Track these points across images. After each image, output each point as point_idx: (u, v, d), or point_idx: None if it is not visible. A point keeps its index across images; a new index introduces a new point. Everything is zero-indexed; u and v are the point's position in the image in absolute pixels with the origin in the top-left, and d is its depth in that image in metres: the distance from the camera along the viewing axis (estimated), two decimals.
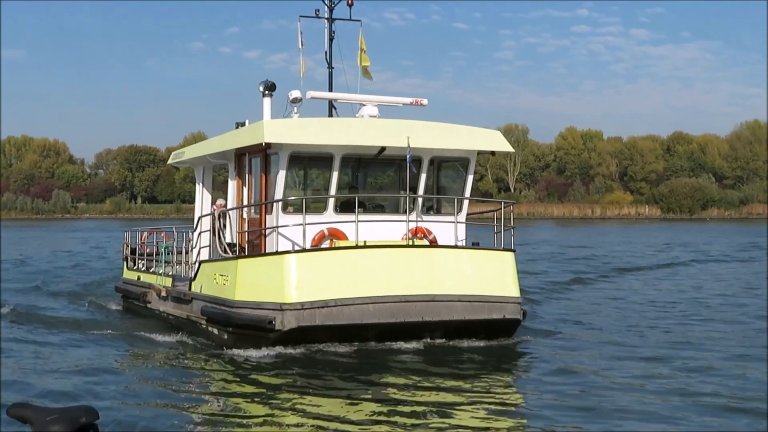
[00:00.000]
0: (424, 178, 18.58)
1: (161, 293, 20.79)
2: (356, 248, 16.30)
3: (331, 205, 17.82)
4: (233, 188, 19.70)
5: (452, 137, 18.52)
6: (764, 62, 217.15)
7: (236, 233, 19.08)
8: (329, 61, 20.55)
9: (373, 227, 17.30)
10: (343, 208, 18.09)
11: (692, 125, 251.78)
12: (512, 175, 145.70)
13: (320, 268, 15.94)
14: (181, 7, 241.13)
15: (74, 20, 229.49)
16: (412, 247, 16.88)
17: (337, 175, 17.75)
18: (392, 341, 16.30)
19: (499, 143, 18.98)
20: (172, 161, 23.88)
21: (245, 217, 18.98)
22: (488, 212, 24.33)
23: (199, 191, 22.65)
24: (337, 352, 15.83)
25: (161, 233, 24.40)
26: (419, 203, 18.49)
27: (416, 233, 18.01)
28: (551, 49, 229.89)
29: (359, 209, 17.47)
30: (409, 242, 17.23)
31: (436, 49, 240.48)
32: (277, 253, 16.51)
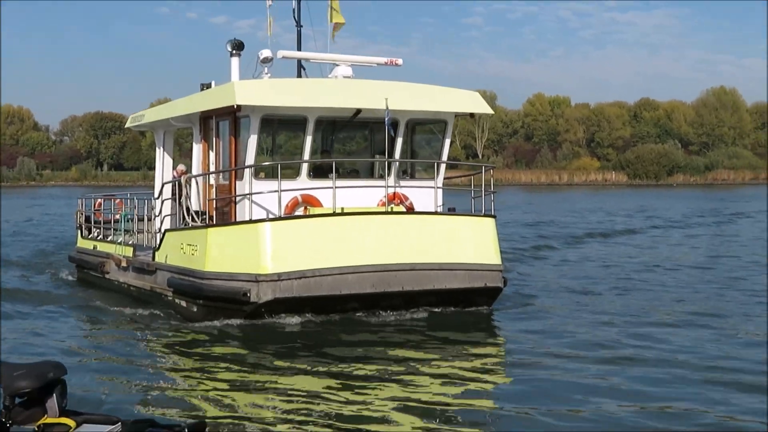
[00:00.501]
0: (400, 142, 17.84)
1: (121, 263, 19.74)
2: (334, 216, 15.56)
3: (304, 170, 16.96)
4: (198, 153, 18.65)
5: (430, 99, 17.76)
6: (732, 28, 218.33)
7: (202, 201, 18.19)
8: (297, 19, 19.53)
9: (347, 193, 16.53)
10: (316, 173, 17.31)
11: (659, 91, 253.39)
12: (480, 141, 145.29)
13: (297, 236, 15.17)
14: None
15: None
16: (391, 214, 16.19)
17: (311, 139, 16.93)
18: (372, 312, 15.66)
19: (478, 105, 18.27)
20: (130, 125, 22.54)
21: (212, 183, 18.04)
22: (459, 177, 23.80)
23: (159, 156, 21.45)
24: (309, 322, 15.20)
25: (116, 200, 23.28)
26: (394, 168, 17.75)
27: (392, 199, 17.30)
28: (520, 15, 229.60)
29: (331, 175, 16.80)
30: (387, 209, 16.52)
31: (404, 15, 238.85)
32: (250, 221, 15.66)
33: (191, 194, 18.06)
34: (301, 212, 16.51)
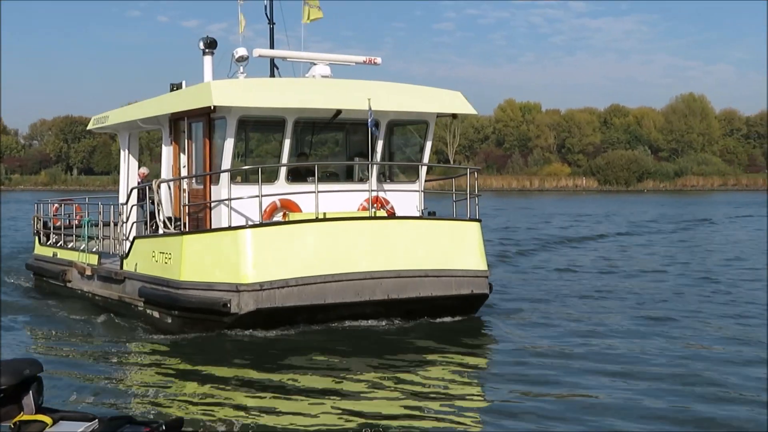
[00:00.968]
0: (380, 144, 17.20)
1: (85, 272, 18.82)
2: (317, 221, 14.86)
3: (282, 174, 16.22)
4: (168, 156, 17.71)
5: (412, 99, 17.14)
6: (701, 34, 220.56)
7: (174, 206, 17.32)
8: (270, 16, 18.75)
9: (326, 198, 15.82)
10: (294, 177, 16.61)
11: (629, 97, 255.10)
12: (451, 147, 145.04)
13: (279, 244, 14.45)
14: None
15: None
16: (376, 219, 15.54)
17: (289, 141, 16.21)
18: (355, 321, 15.00)
19: (460, 105, 17.66)
20: (93, 127, 21.40)
21: (185, 188, 17.20)
22: (436, 180, 23.10)
23: (124, 159, 20.42)
24: (286, 335, 14.52)
25: (73, 205, 22.26)
26: (375, 171, 17.08)
27: (373, 203, 16.65)
28: (491, 20, 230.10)
29: (310, 179, 16.21)
30: (371, 214, 15.86)
31: (376, 19, 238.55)
32: (230, 228, 14.85)
33: (162, 199, 17.23)
34: (279, 218, 15.80)
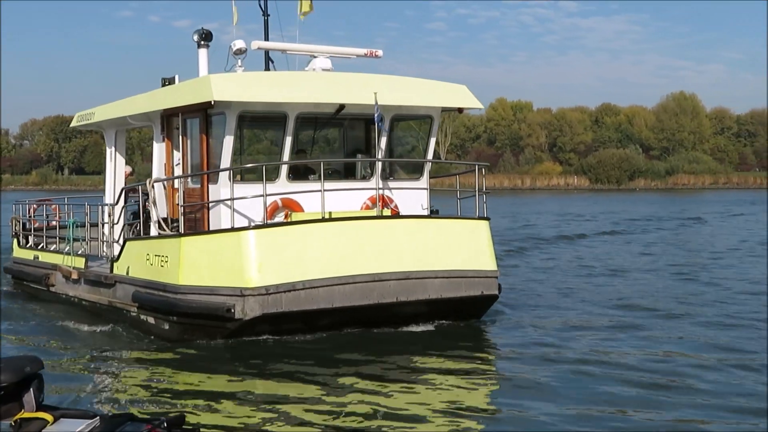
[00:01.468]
0: (384, 140, 16.49)
1: (71, 275, 17.97)
2: (324, 221, 14.13)
3: (284, 172, 15.43)
4: (160, 154, 16.85)
5: (417, 93, 16.41)
6: (690, 34, 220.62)
7: (169, 206, 16.50)
8: (264, 8, 18.00)
9: (328, 196, 15.12)
10: (295, 175, 15.90)
11: (620, 96, 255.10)
12: (443, 146, 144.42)
13: (284, 245, 13.69)
14: None
15: None
16: (383, 218, 14.83)
17: (291, 138, 15.46)
18: (363, 326, 14.32)
19: (466, 99, 16.95)
20: (77, 124, 20.40)
21: (177, 186, 16.20)
22: (440, 177, 22.45)
23: (110, 157, 19.48)
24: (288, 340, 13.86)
25: (51, 205, 21.41)
26: (378, 168, 16.38)
27: (375, 202, 15.95)
28: (482, 20, 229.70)
29: (311, 176, 15.65)
30: (377, 213, 15.15)
31: (368, 19, 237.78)
32: (232, 229, 14.07)
33: (157, 199, 16.41)
34: (281, 218, 15.08)
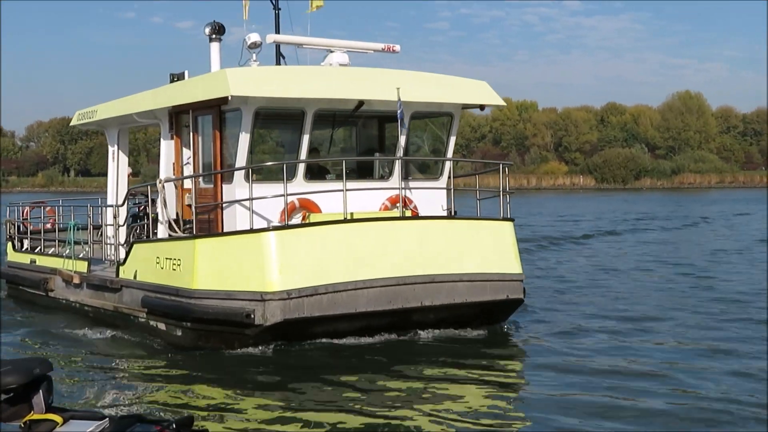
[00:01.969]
0: (404, 138, 15.85)
1: (73, 280, 17.30)
2: (346, 222, 13.48)
3: (301, 172, 14.78)
4: (168, 153, 16.13)
5: (438, 89, 15.78)
6: (691, 32, 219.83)
7: (181, 207, 15.82)
8: (275, 2, 17.35)
9: (347, 197, 14.49)
10: (312, 175, 15.27)
11: (624, 95, 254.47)
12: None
13: (306, 247, 13.03)
14: None
15: None
16: (407, 219, 14.20)
17: (308, 136, 14.82)
18: (385, 331, 13.71)
19: (488, 96, 16.34)
20: (77, 122, 19.70)
21: (188, 186, 15.58)
22: (460, 177, 21.84)
23: (113, 157, 18.82)
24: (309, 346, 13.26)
25: (46, 208, 20.78)
26: (397, 168, 15.75)
27: (395, 202, 15.32)
28: (485, 19, 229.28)
29: (327, 176, 15.23)
30: (399, 213, 14.52)
31: (369, 19, 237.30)
32: (251, 230, 13.39)
33: (167, 199, 15.75)
34: (298, 219, 14.45)
